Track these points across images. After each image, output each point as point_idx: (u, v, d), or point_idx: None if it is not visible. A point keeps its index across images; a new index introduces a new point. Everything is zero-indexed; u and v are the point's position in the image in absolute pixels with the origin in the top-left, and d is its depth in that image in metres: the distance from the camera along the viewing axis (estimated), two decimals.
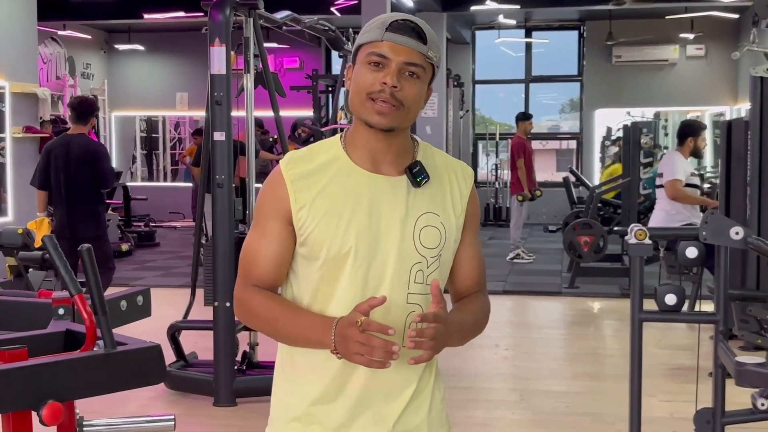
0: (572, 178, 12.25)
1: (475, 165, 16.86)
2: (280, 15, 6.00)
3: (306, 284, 1.78)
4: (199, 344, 5.62)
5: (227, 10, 5.02)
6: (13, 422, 2.09)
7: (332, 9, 11.88)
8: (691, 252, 3.93)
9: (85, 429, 2.77)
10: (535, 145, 18.09)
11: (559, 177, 16.09)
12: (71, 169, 6.23)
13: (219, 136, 5.01)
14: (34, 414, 2.07)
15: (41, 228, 5.47)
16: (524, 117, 10.94)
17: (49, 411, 2.05)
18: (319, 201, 1.73)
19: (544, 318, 8.16)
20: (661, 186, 7.15)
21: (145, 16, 12.94)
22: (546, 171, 19.71)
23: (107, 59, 16.51)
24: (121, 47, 16.18)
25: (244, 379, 5.12)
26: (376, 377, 1.74)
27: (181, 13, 12.21)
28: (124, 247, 11.19)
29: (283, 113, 5.56)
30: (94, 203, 6.31)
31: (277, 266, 1.78)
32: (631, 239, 4.17)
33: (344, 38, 7.79)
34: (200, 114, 12.40)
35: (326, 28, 7.10)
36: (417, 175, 1.76)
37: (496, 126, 16.83)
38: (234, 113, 5.17)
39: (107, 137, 15.52)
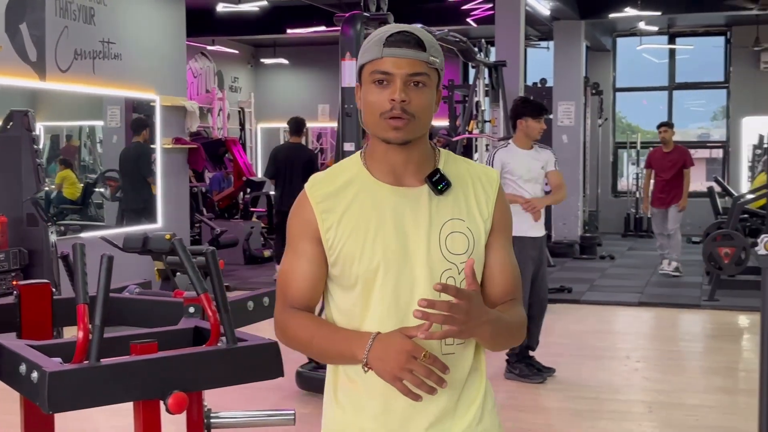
0: (717, 188, 11.87)
1: (615, 174, 16.54)
2: None
3: (340, 303, 1.81)
4: None
5: (358, 25, 5.21)
6: (143, 410, 2.28)
7: (468, 20, 11.98)
8: None
9: (212, 420, 2.98)
10: None
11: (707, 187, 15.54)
12: (295, 170, 9.19)
13: (349, 146, 5.20)
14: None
15: None
16: None
17: (175, 400, 2.22)
18: (346, 220, 1.77)
19: (680, 331, 7.97)
20: None
21: (288, 30, 13.42)
22: (695, 181, 18.97)
23: (254, 73, 17.17)
24: (267, 61, 16.79)
25: None
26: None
27: (323, 28, 12.59)
28: (266, 253, 11.62)
29: None
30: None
31: (311, 285, 1.81)
32: (761, 250, 4.07)
33: (476, 49, 7.87)
34: None
35: (457, 39, 7.19)
36: (437, 182, 1.77)
37: (637, 134, 16.45)
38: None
39: (253, 148, 16.12)
